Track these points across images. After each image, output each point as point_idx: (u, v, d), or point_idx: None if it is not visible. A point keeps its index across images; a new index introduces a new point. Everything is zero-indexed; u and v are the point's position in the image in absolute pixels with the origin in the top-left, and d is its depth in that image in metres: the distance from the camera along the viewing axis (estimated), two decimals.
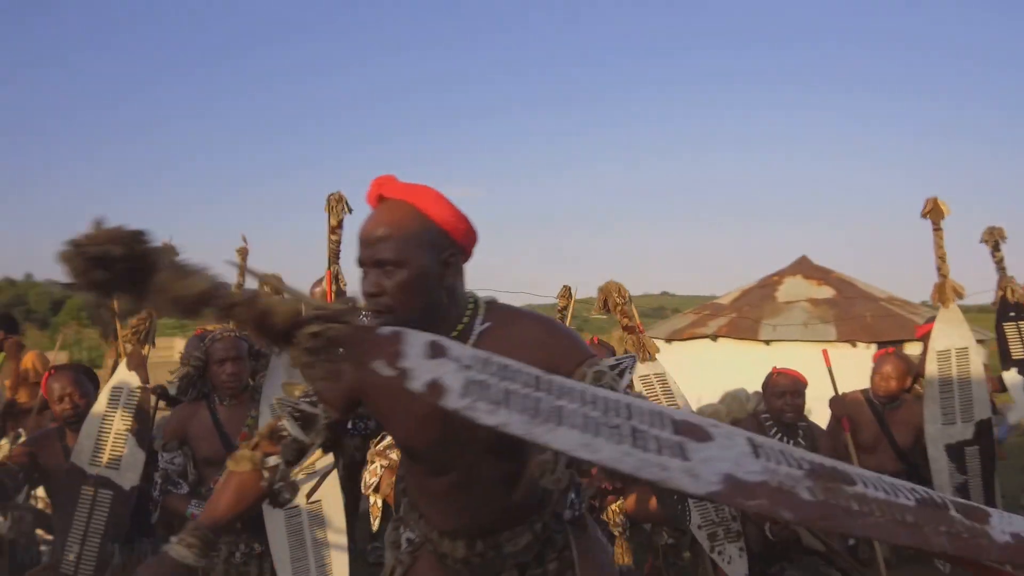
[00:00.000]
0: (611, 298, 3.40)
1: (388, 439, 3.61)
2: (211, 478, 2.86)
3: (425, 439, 1.47)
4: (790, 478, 1.04)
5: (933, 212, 3.47)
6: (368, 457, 3.83)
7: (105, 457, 2.83)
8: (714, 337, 7.37)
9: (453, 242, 1.39)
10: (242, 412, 2.94)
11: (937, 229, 3.47)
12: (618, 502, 3.36)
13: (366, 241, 1.36)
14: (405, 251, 1.33)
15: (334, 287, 3.73)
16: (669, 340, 7.71)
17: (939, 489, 3.12)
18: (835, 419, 3.55)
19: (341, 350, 1.09)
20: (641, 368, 3.34)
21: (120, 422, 2.88)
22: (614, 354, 3.27)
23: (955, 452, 3.34)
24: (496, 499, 1.52)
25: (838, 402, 3.52)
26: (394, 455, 3.55)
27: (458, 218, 1.40)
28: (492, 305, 1.50)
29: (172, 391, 3.16)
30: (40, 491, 3.25)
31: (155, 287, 0.99)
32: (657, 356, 3.46)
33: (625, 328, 3.40)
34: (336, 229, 3.56)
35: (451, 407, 1.07)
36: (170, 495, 2.80)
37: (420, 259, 1.34)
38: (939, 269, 3.48)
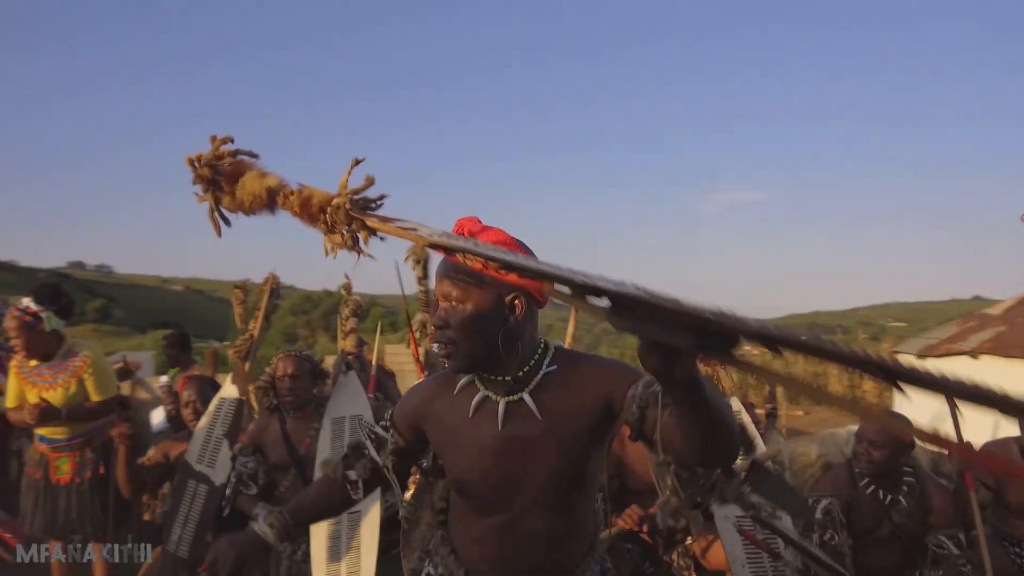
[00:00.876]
0: None
1: None
2: (280, 483, 3.24)
3: (482, 475, 1.50)
4: None
5: None
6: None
7: (207, 456, 3.37)
8: (974, 354, 6.05)
9: (520, 287, 1.43)
10: (306, 424, 3.27)
11: None
12: (687, 541, 3.04)
13: (439, 276, 1.46)
14: (469, 289, 1.41)
15: (417, 331, 3.96)
16: (921, 356, 6.52)
17: None
18: (959, 474, 2.76)
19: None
20: None
21: (220, 428, 3.40)
22: None
23: None
24: (536, 550, 1.52)
25: (964, 451, 2.72)
26: None
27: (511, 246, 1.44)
28: (560, 351, 1.54)
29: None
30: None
31: (242, 184, 1.26)
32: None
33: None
34: (422, 280, 3.77)
35: None
36: (241, 495, 3.20)
37: (483, 299, 1.41)
38: None
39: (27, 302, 3.46)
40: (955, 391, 0.60)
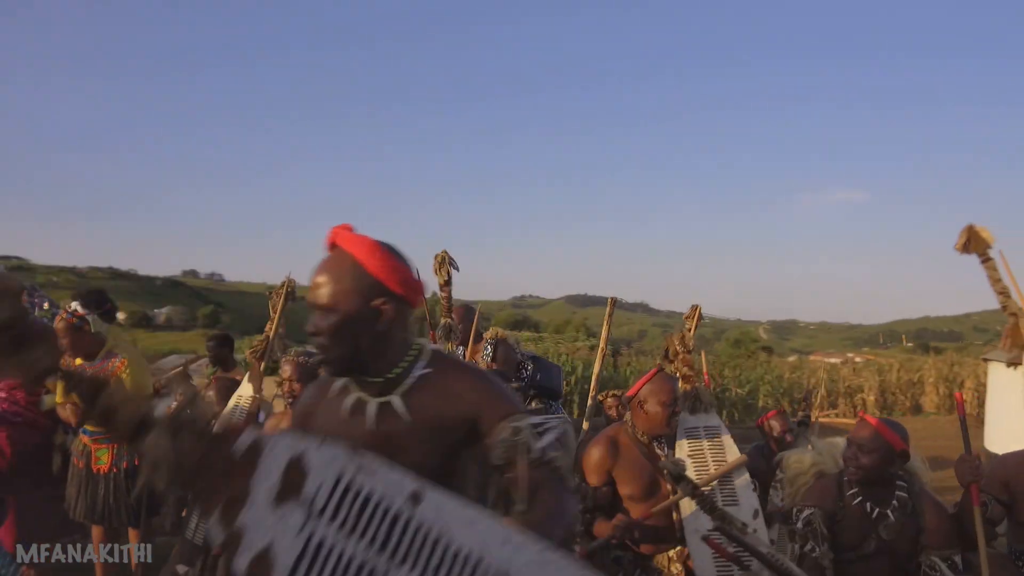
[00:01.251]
0: (672, 347, 3.25)
1: None
2: None
3: None
4: None
5: (972, 244, 2.61)
6: None
7: None
8: None
9: (387, 291, 1.49)
10: None
11: (986, 260, 2.61)
12: (676, 549, 3.00)
13: (310, 285, 1.53)
14: (336, 297, 1.47)
15: (440, 335, 4.06)
16: (1010, 365, 6.07)
17: None
18: (965, 488, 2.59)
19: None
20: (691, 420, 3.13)
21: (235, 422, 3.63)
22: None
23: None
24: None
25: (966, 465, 2.56)
26: None
27: (396, 270, 1.51)
28: (436, 354, 1.63)
29: None
30: None
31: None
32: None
33: (683, 377, 3.20)
34: (444, 286, 3.88)
35: None
36: None
37: (351, 305, 1.47)
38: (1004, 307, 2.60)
39: (75, 306, 3.78)
40: None
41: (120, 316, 4.69)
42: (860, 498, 2.68)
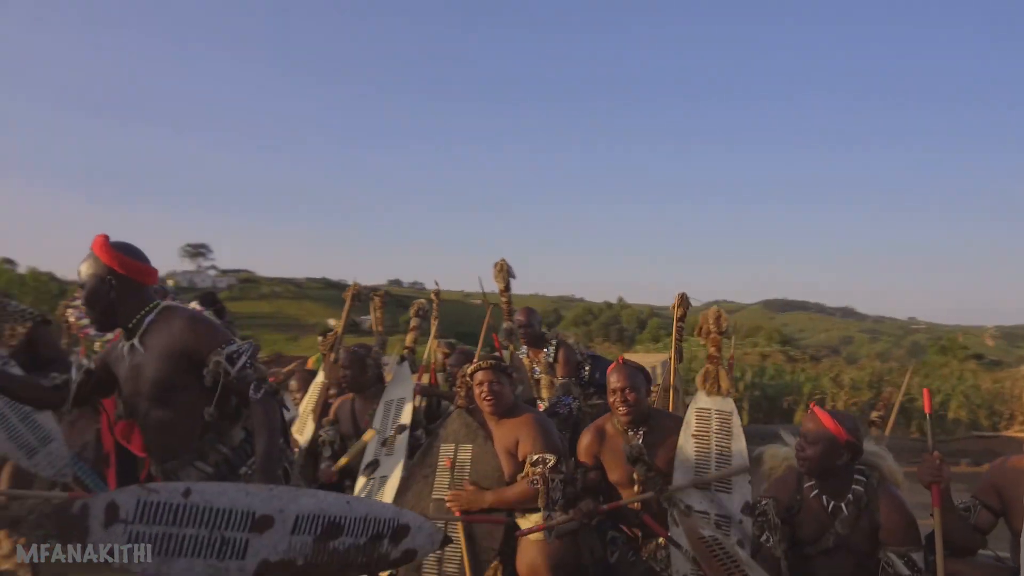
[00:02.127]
0: (705, 324, 3.31)
1: None
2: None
3: (125, 391, 2.47)
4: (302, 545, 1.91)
5: None
6: None
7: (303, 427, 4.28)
8: None
9: (113, 271, 2.36)
10: (369, 405, 3.99)
11: None
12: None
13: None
14: (85, 278, 2.38)
15: (502, 337, 4.47)
16: None
17: None
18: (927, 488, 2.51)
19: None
20: (705, 401, 3.20)
21: (309, 405, 4.28)
22: (648, 377, 3.22)
23: None
24: (153, 433, 2.42)
25: (926, 466, 2.47)
26: None
27: (117, 259, 2.37)
28: (167, 308, 2.44)
29: None
30: None
31: None
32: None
33: (709, 356, 3.25)
34: (504, 292, 4.28)
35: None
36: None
37: (93, 280, 2.36)
38: None
39: (194, 304, 4.65)
40: None
41: (331, 322, 5.69)
42: (816, 491, 2.69)
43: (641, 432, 3.20)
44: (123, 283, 2.36)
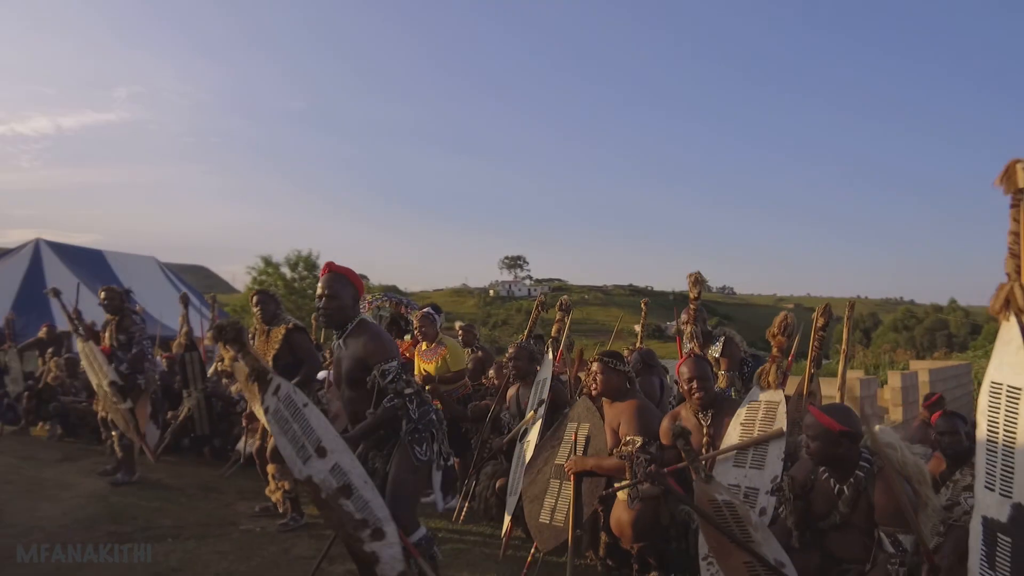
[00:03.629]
0: (773, 328, 3.83)
1: None
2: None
3: (335, 375, 3.47)
4: (328, 484, 2.98)
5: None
6: None
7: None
8: None
9: (357, 289, 3.36)
10: (529, 391, 5.05)
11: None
12: None
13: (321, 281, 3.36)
14: (336, 289, 3.28)
15: (697, 328, 5.14)
16: None
17: None
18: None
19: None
20: (757, 394, 3.73)
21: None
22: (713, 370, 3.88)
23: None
24: (353, 404, 3.34)
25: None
26: None
27: (358, 279, 3.37)
28: (362, 321, 3.34)
29: None
30: None
31: None
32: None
33: (771, 357, 3.77)
34: (694, 301, 5.04)
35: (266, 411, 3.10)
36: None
37: (342, 296, 3.29)
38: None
39: (428, 309, 6.14)
40: None
41: (636, 328, 6.70)
42: (826, 474, 3.06)
43: (710, 414, 3.77)
44: (355, 299, 3.37)
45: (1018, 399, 2.26)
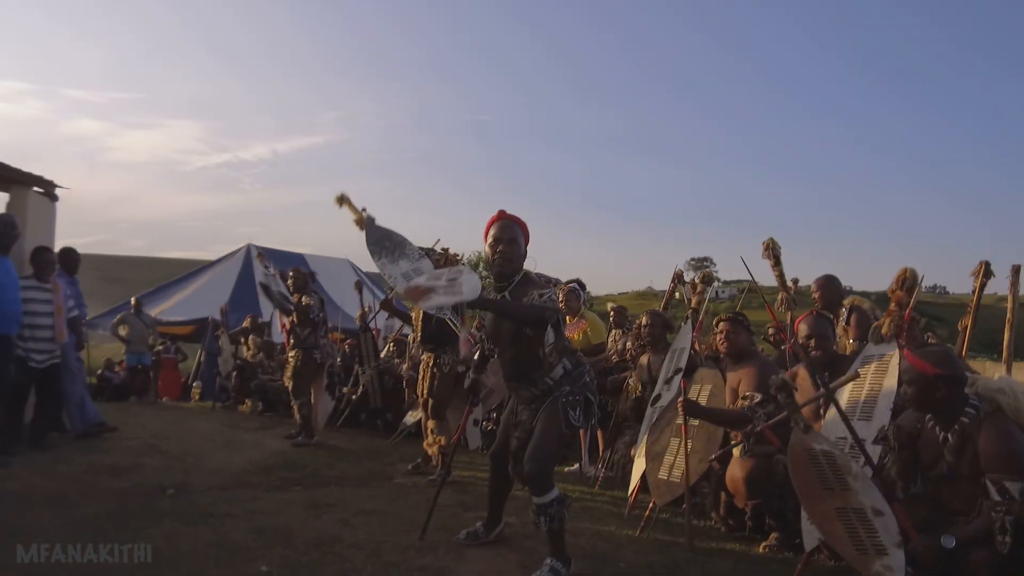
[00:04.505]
0: (894, 283, 3.84)
1: None
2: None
3: (490, 332, 3.59)
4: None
5: None
6: None
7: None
8: None
9: (526, 237, 3.46)
10: (660, 358, 5.19)
11: None
12: None
13: (499, 229, 3.44)
14: (511, 238, 3.40)
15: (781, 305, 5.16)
16: None
17: None
18: None
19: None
20: (872, 349, 3.71)
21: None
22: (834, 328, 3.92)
23: None
24: (512, 365, 3.44)
25: None
26: None
27: (526, 227, 3.48)
28: (527, 272, 3.45)
29: None
30: None
31: None
32: None
33: (888, 311, 3.75)
34: (775, 267, 5.08)
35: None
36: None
37: (517, 242, 3.42)
38: None
39: (574, 284, 6.46)
40: None
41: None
42: (932, 422, 2.95)
43: (827, 373, 3.71)
44: (526, 247, 3.47)
45: None
